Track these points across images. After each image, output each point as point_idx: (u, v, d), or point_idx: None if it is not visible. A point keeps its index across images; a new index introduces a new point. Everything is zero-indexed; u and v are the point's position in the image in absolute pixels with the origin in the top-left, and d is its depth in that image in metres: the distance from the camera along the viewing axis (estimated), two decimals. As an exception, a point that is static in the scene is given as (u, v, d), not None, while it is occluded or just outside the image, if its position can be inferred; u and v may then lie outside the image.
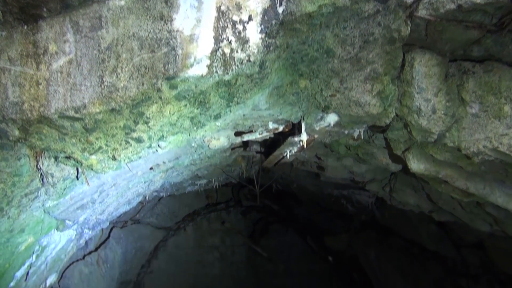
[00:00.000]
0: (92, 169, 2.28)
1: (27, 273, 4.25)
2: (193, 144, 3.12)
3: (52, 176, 3.24)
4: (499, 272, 5.54)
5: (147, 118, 2.04)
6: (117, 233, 7.48)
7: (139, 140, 2.19)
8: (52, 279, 5.01)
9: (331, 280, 8.92)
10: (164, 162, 3.82)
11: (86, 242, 6.55)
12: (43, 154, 3.18)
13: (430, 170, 2.93)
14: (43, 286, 4.77)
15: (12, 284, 4.17)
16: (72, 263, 6.64)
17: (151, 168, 3.94)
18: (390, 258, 7.13)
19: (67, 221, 4.23)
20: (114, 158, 2.23)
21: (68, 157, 2.17)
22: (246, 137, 2.87)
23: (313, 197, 7.69)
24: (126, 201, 5.03)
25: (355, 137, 3.06)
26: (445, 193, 3.30)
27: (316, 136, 2.84)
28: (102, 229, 7.19)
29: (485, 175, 2.88)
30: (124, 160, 2.32)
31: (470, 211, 3.57)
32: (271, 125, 2.77)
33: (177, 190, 7.10)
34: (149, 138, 2.22)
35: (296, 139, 2.78)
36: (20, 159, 3.00)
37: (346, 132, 2.93)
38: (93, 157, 2.20)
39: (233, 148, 4.43)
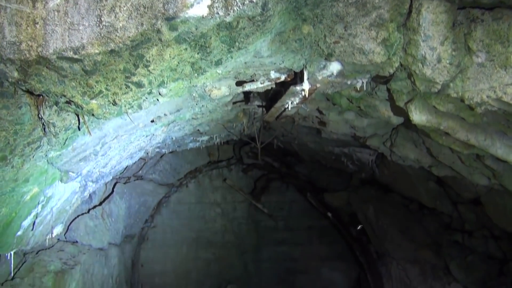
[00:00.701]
0: (93, 115, 2.28)
1: (34, 223, 4.36)
2: (194, 94, 3.10)
3: (54, 126, 3.25)
4: (494, 227, 5.68)
5: (147, 61, 2.01)
6: (120, 188, 7.61)
7: (139, 85, 2.18)
8: (58, 229, 5.15)
9: (330, 235, 9.17)
10: (165, 115, 3.81)
11: (90, 196, 6.69)
12: (44, 103, 3.17)
13: (432, 121, 2.92)
14: (50, 236, 4.92)
15: (19, 233, 4.29)
16: (77, 216, 6.81)
17: (152, 121, 3.94)
18: (388, 214, 7.28)
19: (70, 173, 4.28)
20: (114, 103, 2.22)
21: (68, 102, 2.17)
22: (247, 87, 2.85)
23: (314, 155, 7.74)
24: (128, 155, 5.07)
25: (358, 89, 3.03)
26: (445, 146, 3.31)
27: (318, 85, 2.81)
28: (106, 184, 7.31)
29: (487, 127, 2.87)
30: (125, 105, 2.31)
31: (470, 164, 3.60)
32: (273, 74, 2.73)
33: (179, 146, 7.14)
34: (150, 83, 2.20)
35: (298, 88, 2.75)
36: (21, 108, 3.00)
37: (348, 82, 2.89)
38: (94, 101, 2.19)
39: (234, 102, 4.41)
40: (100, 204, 7.26)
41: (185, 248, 9.06)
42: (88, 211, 7.04)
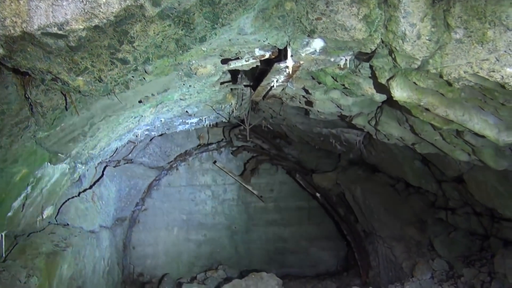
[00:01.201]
0: (79, 92, 2.31)
1: (24, 204, 4.40)
2: (180, 73, 3.14)
3: (41, 106, 3.27)
4: (476, 204, 5.85)
5: (131, 37, 2.04)
6: (110, 171, 7.64)
7: (124, 61, 2.21)
8: (49, 211, 5.20)
9: (319, 216, 9.35)
10: (152, 95, 3.84)
11: (80, 179, 6.71)
12: (30, 83, 3.18)
13: (413, 98, 3.00)
14: (41, 217, 4.96)
15: (10, 214, 4.33)
16: (68, 199, 6.84)
17: (140, 101, 3.96)
18: (375, 193, 7.44)
19: (59, 154, 4.31)
20: (100, 80, 2.25)
21: (54, 79, 2.19)
22: (232, 64, 2.89)
23: (303, 136, 7.83)
24: (117, 136, 5.10)
25: (341, 66, 3.09)
26: (426, 122, 3.41)
27: (302, 62, 2.86)
28: (96, 168, 7.33)
29: (465, 103, 2.97)
30: (111, 82, 2.34)
31: (450, 141, 3.71)
32: (257, 52, 2.78)
33: (168, 129, 7.17)
34: (135, 59, 2.24)
35: (282, 65, 2.81)
36: (8, 87, 3.01)
37: (332, 60, 2.95)
38: (80, 78, 2.22)
39: (222, 82, 4.44)
40: (91, 187, 7.29)
41: (176, 230, 9.17)
42: (79, 194, 7.07)
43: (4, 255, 5.23)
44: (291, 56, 2.74)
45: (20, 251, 5.49)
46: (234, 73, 4.49)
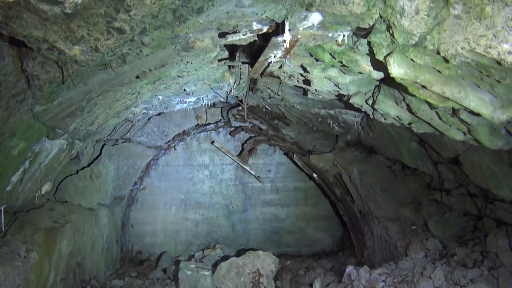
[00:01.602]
0: (76, 61, 2.30)
1: (22, 179, 4.43)
2: (177, 47, 3.13)
3: (38, 78, 3.27)
4: (470, 185, 5.92)
5: (128, 6, 2.03)
6: (108, 150, 7.66)
7: (121, 31, 2.20)
8: (47, 187, 5.24)
9: (315, 196, 9.44)
10: (150, 70, 3.83)
11: (78, 157, 6.74)
12: (27, 55, 3.17)
13: (410, 74, 3.01)
14: (39, 192, 5.00)
15: (8, 188, 4.37)
16: (66, 177, 6.89)
17: (137, 77, 3.96)
18: (372, 175, 7.50)
19: (57, 130, 4.32)
20: (97, 49, 2.25)
21: (51, 48, 2.19)
22: (230, 38, 2.88)
23: (301, 117, 7.84)
24: (114, 113, 5.10)
25: (339, 42, 3.08)
26: (422, 100, 3.42)
27: (299, 37, 2.85)
28: (94, 146, 7.36)
29: (461, 80, 2.97)
30: (107, 52, 2.34)
31: (446, 120, 3.73)
32: (255, 26, 2.76)
33: (166, 108, 7.16)
34: (131, 29, 2.23)
35: (279, 39, 2.80)
36: (4, 59, 3.00)
37: (330, 35, 2.94)
38: (76, 47, 2.21)
39: (220, 59, 4.42)
40: (89, 165, 7.33)
41: (174, 209, 9.25)
42: (77, 172, 7.12)
43: (3, 230, 5.29)
44: (289, 30, 2.73)
45: (19, 227, 5.56)
46: (232, 50, 4.46)
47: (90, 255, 6.96)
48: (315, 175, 8.41)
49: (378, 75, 3.49)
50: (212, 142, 9.11)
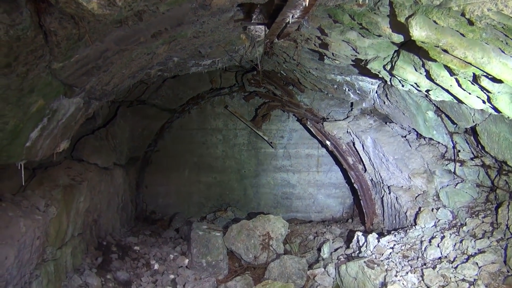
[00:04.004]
0: (93, 15, 2.29)
1: (41, 135, 4.53)
2: (194, 5, 3.08)
3: (56, 34, 3.27)
4: (486, 156, 5.85)
5: (145, -42, 1.99)
6: (123, 111, 7.75)
7: (138, -16, 2.17)
8: (64, 144, 5.34)
9: (327, 164, 9.48)
10: (166, 29, 3.79)
11: (94, 117, 6.84)
12: (45, 10, 3.16)
13: (432, 37, 2.92)
14: (58, 149, 5.12)
15: (28, 144, 4.47)
16: (83, 136, 7.02)
17: (153, 35, 3.93)
18: (385, 143, 7.46)
19: (74, 87, 4.37)
20: (114, 3, 2.23)
21: (68, 1, 2.17)
22: (248, -5, 2.81)
23: (316, 83, 7.75)
24: (130, 73, 5.11)
25: (360, 2, 2.99)
26: (442, 66, 3.34)
27: (319, -5, 2.78)
28: (109, 107, 7.43)
29: (485, 44, 2.88)
30: (125, 7, 2.32)
31: (466, 87, 3.64)
32: (274, -18, 2.69)
33: (181, 70, 7.13)
34: (149, -17, 2.19)
35: (299, -3, 2.73)
36: (22, 13, 2.99)
37: (351, -6, 2.86)
38: (94, 0, 2.20)
39: (236, 20, 4.35)
40: (104, 126, 7.45)
41: (187, 172, 9.42)
42: (93, 132, 7.25)
43: (24, 185, 5.49)
44: (309, -12, 2.65)
45: (38, 182, 5.76)
46: (249, 11, 4.37)
47: (106, 213, 7.20)
48: (328, 142, 8.39)
49: (398, 38, 3.40)
50: (226, 107, 9.11)
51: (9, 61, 3.16)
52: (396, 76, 4.30)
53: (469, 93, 3.76)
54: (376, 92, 7.06)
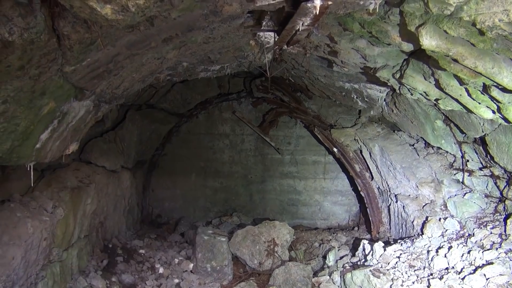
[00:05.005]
0: (107, 20, 2.33)
1: (51, 137, 4.58)
2: (205, 11, 3.11)
3: (68, 38, 3.32)
4: (495, 166, 5.80)
5: (159, -36, 2.02)
6: (132, 115, 7.80)
7: (151, -10, 2.20)
8: (73, 146, 5.39)
9: (334, 171, 9.45)
10: (177, 35, 3.83)
11: (103, 120, 6.89)
12: (58, 15, 3.21)
13: (442, 47, 2.92)
14: (67, 151, 5.17)
15: (38, 145, 4.52)
16: (91, 139, 7.08)
17: (164, 40, 3.97)
18: (393, 151, 7.43)
19: (85, 91, 4.42)
20: (127, 9, 2.26)
21: (83, 6, 2.21)
22: (259, 3, 2.84)
23: (324, 90, 7.75)
24: (140, 77, 5.16)
25: (371, 11, 3.00)
26: (452, 75, 3.33)
27: (330, 3, 2.78)
28: (118, 110, 7.50)
29: (495, 54, 2.87)
30: (138, 13, 2.35)
31: (476, 97, 3.63)
32: (285, -10, 2.71)
33: (190, 75, 7.17)
34: (162, -11, 2.22)
35: (309, 5, 2.74)
36: (37, 17, 3.05)
37: (361, 2, 2.86)
38: (108, 6, 2.23)
39: (246, 26, 4.38)
40: (113, 129, 7.51)
41: (193, 176, 9.45)
42: (102, 135, 7.31)
43: (32, 186, 5.54)
44: (319, -5, 2.67)
45: (47, 184, 5.81)
46: (259, 18, 4.40)
47: (112, 215, 7.23)
48: (335, 150, 8.37)
49: (408, 47, 3.40)
50: (234, 112, 9.14)
51: (22, 63, 3.21)
52: (405, 85, 4.29)
53: (479, 103, 3.74)
54: (385, 100, 7.04)
